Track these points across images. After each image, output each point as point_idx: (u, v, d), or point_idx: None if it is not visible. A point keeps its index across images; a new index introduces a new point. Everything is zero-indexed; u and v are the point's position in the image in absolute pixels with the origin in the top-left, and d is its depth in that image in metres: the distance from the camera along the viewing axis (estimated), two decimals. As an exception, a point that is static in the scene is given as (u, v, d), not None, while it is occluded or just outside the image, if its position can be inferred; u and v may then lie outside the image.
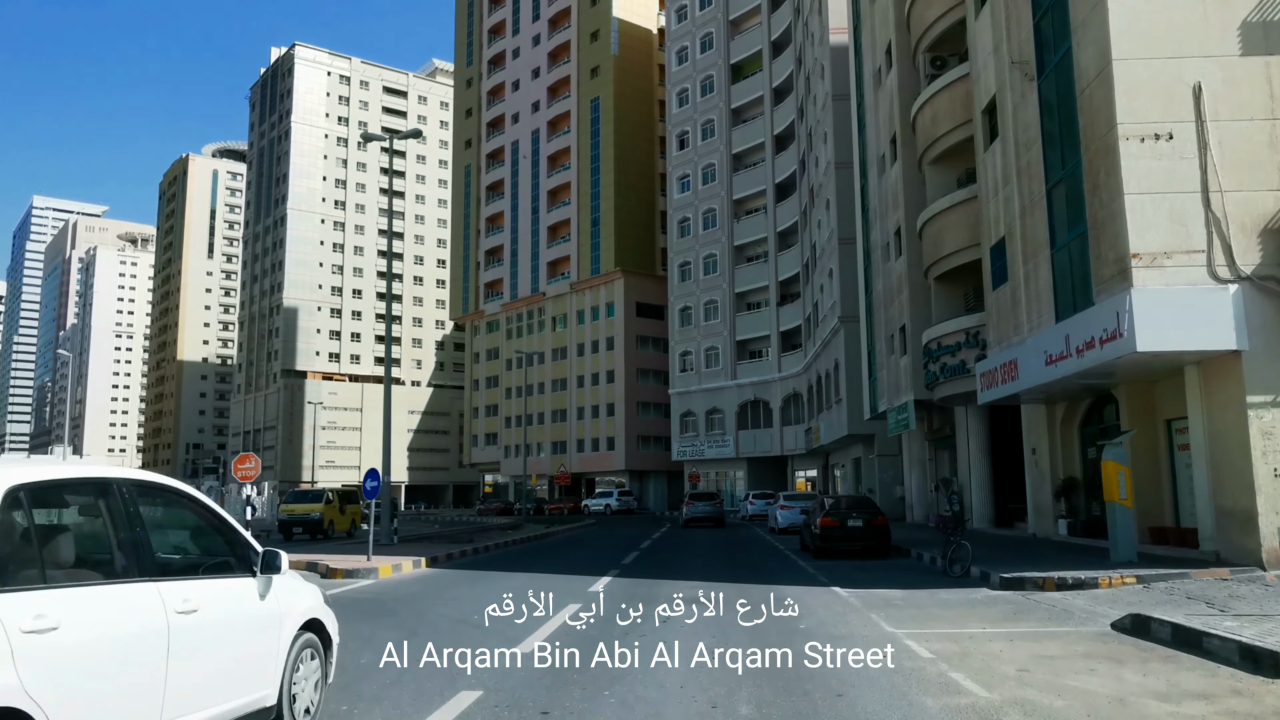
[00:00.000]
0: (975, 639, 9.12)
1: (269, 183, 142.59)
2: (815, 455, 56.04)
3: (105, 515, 4.25)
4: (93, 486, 4.40)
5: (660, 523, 44.32)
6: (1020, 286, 18.24)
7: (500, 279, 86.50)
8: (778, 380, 59.47)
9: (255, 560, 5.14)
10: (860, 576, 15.83)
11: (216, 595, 4.79)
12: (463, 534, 31.45)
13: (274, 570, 5.17)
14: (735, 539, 28.37)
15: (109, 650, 3.90)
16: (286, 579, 5.41)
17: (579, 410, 76.15)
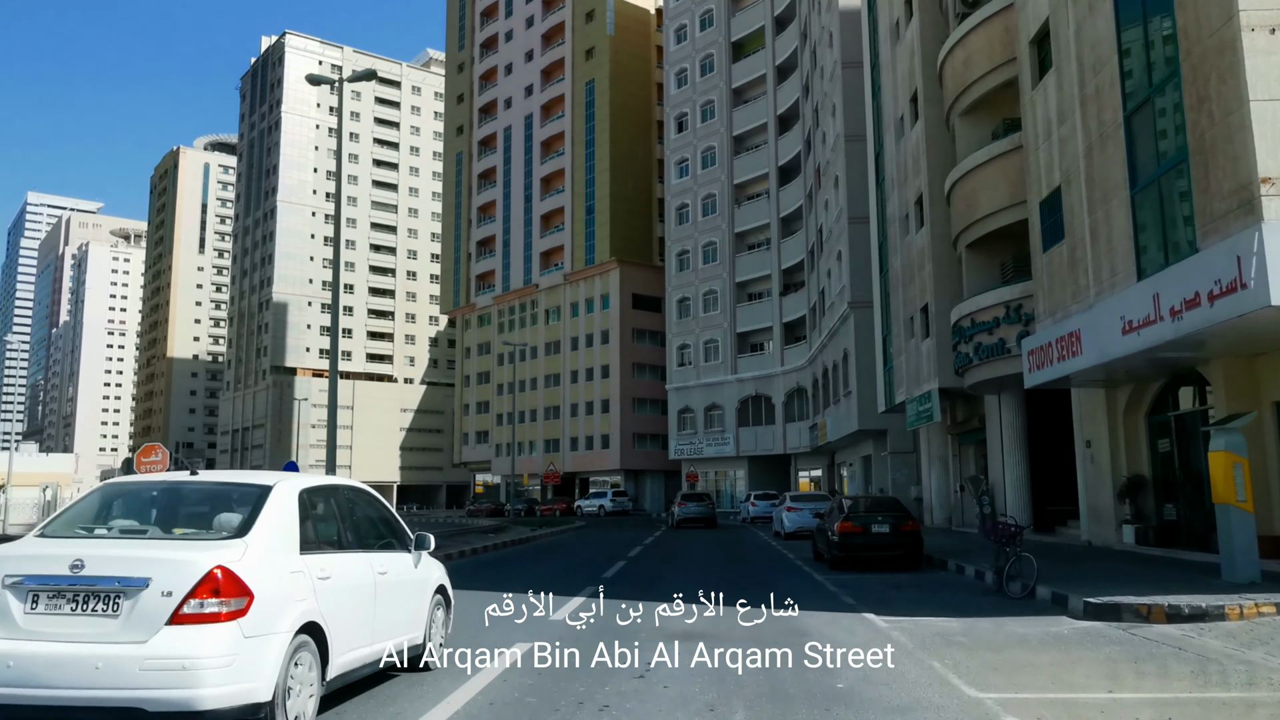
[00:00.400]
0: (1111, 712, 5.94)
1: (259, 175, 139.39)
2: (820, 454, 52.84)
3: (335, 509, 6.41)
4: (328, 490, 6.54)
5: (654, 525, 41.17)
6: (1083, 243, 15.05)
7: (492, 270, 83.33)
8: (780, 374, 56.28)
9: (409, 541, 7.24)
10: (896, 598, 12.64)
11: (394, 563, 6.82)
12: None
13: (423, 548, 7.35)
14: (737, 545, 25.17)
15: (351, 593, 6.00)
16: (426, 556, 7.46)
17: (573, 407, 72.96)
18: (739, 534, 32.11)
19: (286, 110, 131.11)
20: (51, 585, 4.79)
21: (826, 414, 45.37)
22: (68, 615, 4.75)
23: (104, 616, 4.71)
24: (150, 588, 4.71)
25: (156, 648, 4.61)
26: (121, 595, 4.73)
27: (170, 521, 5.61)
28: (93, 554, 4.87)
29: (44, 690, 4.56)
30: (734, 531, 34.40)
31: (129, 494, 6.04)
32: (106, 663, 4.56)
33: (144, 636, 4.64)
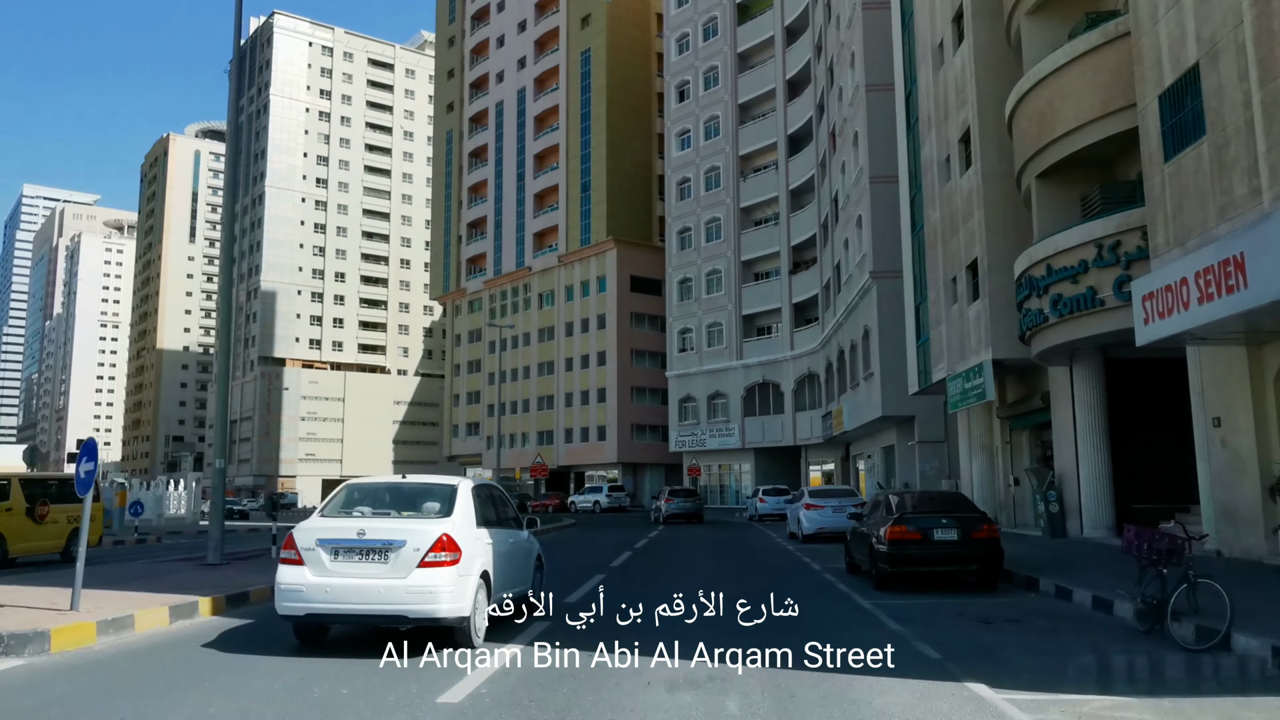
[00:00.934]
0: None
1: (247, 160, 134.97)
2: (834, 445, 48.45)
3: (489, 499, 9.33)
4: (486, 486, 9.69)
5: (651, 523, 36.84)
6: (1243, 134, 10.67)
7: (483, 253, 78.92)
8: (789, 359, 51.85)
9: (523, 521, 10.41)
10: (998, 646, 8.28)
11: (517, 537, 9.86)
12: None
13: (532, 527, 11.06)
14: (747, 552, 20.78)
15: (500, 554, 8.87)
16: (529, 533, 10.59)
17: (567, 396, 68.58)
18: (747, 535, 27.75)
19: (275, 93, 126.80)
20: (346, 545, 7.87)
21: (842, 400, 40.99)
22: (356, 563, 7.83)
23: (378, 563, 7.81)
24: (406, 546, 7.82)
25: (412, 581, 7.73)
26: (389, 550, 7.82)
27: (399, 506, 8.66)
28: (368, 526, 8.01)
29: (349, 606, 7.83)
30: (740, 532, 30.03)
31: (365, 489, 9.11)
32: (383, 590, 7.72)
33: (404, 575, 7.74)
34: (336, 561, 7.83)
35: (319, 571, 7.82)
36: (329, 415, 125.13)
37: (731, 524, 36.65)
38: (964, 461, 26.33)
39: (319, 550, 7.86)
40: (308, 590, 7.79)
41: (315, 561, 7.85)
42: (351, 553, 7.83)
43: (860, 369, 36.36)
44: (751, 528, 33.17)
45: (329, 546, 7.87)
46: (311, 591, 7.77)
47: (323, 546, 7.88)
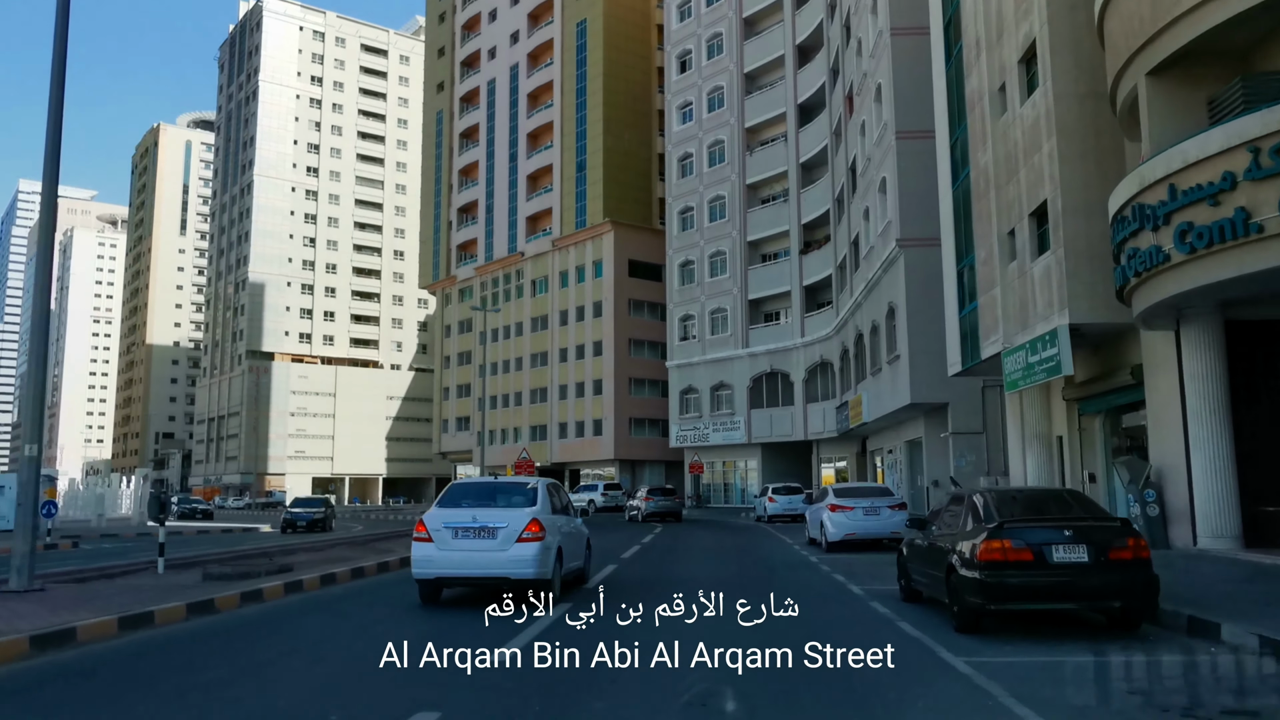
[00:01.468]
0: None
1: (236, 148, 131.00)
2: (849, 439, 44.38)
3: (555, 492, 12.18)
4: (553, 483, 12.52)
5: (646, 528, 32.82)
6: None
7: (474, 239, 74.87)
8: (800, 347, 47.74)
9: (575, 510, 13.27)
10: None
11: (573, 523, 12.44)
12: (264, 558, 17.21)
13: (583, 516, 16.56)
14: (762, 566, 16.77)
15: (566, 535, 11.63)
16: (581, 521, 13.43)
17: (561, 389, 64.52)
18: (758, 542, 23.73)
19: (265, 79, 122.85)
20: (464, 527, 10.61)
21: (861, 389, 36.90)
22: (472, 540, 10.57)
23: (488, 540, 10.54)
24: (508, 527, 10.55)
25: (513, 553, 10.44)
26: (496, 530, 10.54)
27: (496, 500, 11.33)
28: (479, 514, 10.74)
29: (467, 571, 10.66)
30: (750, 538, 25.99)
31: (468, 487, 12.17)
32: (492, 559, 10.45)
33: (506, 548, 10.46)
34: (457, 540, 10.78)
35: (444, 547, 10.79)
36: (319, 411, 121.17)
37: (737, 526, 32.60)
38: (1014, 455, 22.23)
39: (444, 531, 10.83)
40: (436, 560, 10.87)
41: (441, 539, 10.80)
42: (468, 533, 10.78)
43: (883, 352, 32.26)
44: (761, 531, 29.11)
45: (451, 528, 10.82)
46: (439, 561, 10.85)
47: (447, 528, 10.82)
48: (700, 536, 26.07)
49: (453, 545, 10.65)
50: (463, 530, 10.66)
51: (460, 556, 10.63)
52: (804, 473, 48.83)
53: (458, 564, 10.69)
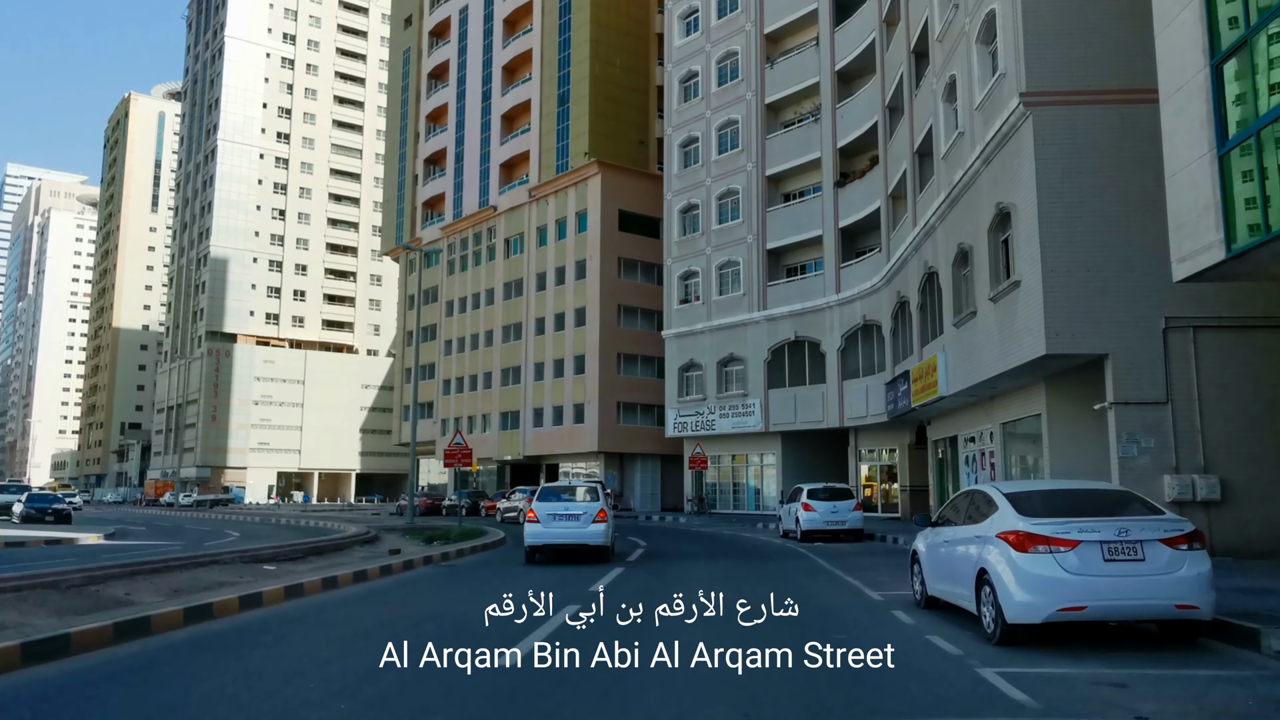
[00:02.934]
0: None
1: (201, 112, 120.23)
2: (899, 426, 33.50)
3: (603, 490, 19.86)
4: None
5: (624, 547, 21.94)
6: None
7: (442, 194, 63.98)
8: (834, 306, 36.77)
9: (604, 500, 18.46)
10: None
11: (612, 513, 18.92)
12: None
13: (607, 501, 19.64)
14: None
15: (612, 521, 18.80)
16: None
17: (537, 367, 53.61)
18: (803, 590, 12.74)
19: (231, 35, 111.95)
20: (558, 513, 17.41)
21: (933, 350, 25.94)
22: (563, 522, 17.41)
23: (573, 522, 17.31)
24: (585, 514, 17.09)
25: (590, 530, 17.16)
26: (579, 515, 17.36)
27: (572, 494, 18.16)
28: (568, 506, 17.33)
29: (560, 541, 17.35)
30: (791, 584, 15.00)
31: (554, 488, 18.76)
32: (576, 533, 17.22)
33: (586, 526, 17.05)
34: (554, 522, 17.13)
35: (546, 525, 17.16)
36: (286, 399, 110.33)
37: (757, 549, 21.59)
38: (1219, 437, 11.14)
39: (544, 514, 17.22)
40: (540, 534, 17.15)
41: (544, 520, 17.18)
42: (560, 517, 17.19)
43: (980, 287, 21.27)
44: (797, 561, 18.10)
45: (549, 514, 17.21)
46: (542, 535, 17.15)
47: (546, 514, 17.23)
48: (698, 576, 15.18)
49: (550, 526, 17.08)
50: (558, 515, 17.16)
51: (556, 531, 17.07)
52: (837, 467, 37.95)
53: (554, 536, 17.11)
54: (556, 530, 17.04)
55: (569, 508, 17.35)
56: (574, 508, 17.37)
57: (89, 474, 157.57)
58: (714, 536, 27.11)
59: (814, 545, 22.16)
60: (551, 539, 17.06)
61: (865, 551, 20.54)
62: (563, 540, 17.09)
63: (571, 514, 17.21)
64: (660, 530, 31.48)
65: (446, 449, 28.30)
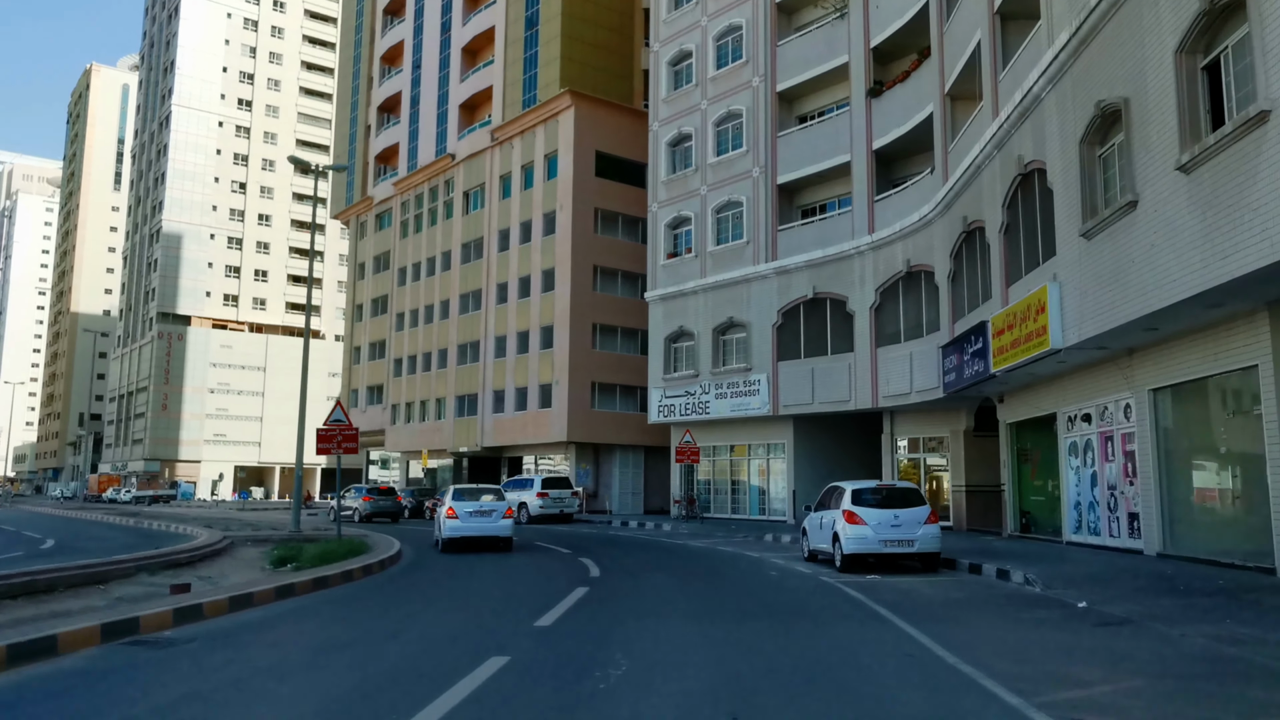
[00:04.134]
0: None
1: (156, 76, 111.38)
2: (954, 407, 25.11)
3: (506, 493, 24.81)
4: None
5: (566, 577, 13.50)
6: None
7: (395, 145, 55.37)
8: (867, 250, 28.24)
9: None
10: None
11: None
12: None
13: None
14: None
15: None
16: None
17: (498, 341, 45.03)
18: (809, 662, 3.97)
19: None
20: (474, 509, 20.31)
21: (1040, 279, 17.46)
22: (478, 518, 20.19)
23: (487, 518, 20.25)
24: (497, 510, 20.48)
25: (500, 524, 20.45)
26: (491, 512, 20.33)
27: (483, 494, 21.18)
28: (481, 504, 20.56)
29: (476, 534, 20.20)
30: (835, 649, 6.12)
31: (465, 488, 21.53)
32: (489, 527, 20.22)
33: (496, 521, 20.46)
34: (470, 517, 20.08)
35: (464, 521, 20.02)
36: (245, 388, 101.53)
37: (770, 587, 12.88)
38: None
39: (463, 512, 20.10)
40: (458, 528, 19.93)
41: (462, 517, 20.02)
42: (476, 514, 20.15)
43: (1157, 155, 12.76)
44: (865, 632, 9.36)
45: (467, 512, 20.13)
46: (460, 529, 19.96)
47: (464, 511, 20.13)
48: (671, 678, 6.58)
49: (467, 520, 20.11)
50: (473, 512, 20.25)
51: (472, 526, 20.15)
52: (867, 461, 29.51)
53: (471, 530, 20.14)
54: (473, 525, 20.10)
55: (482, 506, 20.47)
56: (486, 506, 20.52)
57: (47, 467, 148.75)
58: (706, 557, 18.58)
59: (866, 580, 13.68)
60: (468, 532, 20.07)
61: (966, 598, 12.04)
62: (477, 533, 20.16)
63: (484, 511, 20.37)
64: (634, 543, 22.99)
65: (320, 428, 19.82)
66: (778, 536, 24.06)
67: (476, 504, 20.48)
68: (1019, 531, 21.83)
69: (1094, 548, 17.40)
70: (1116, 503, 16.74)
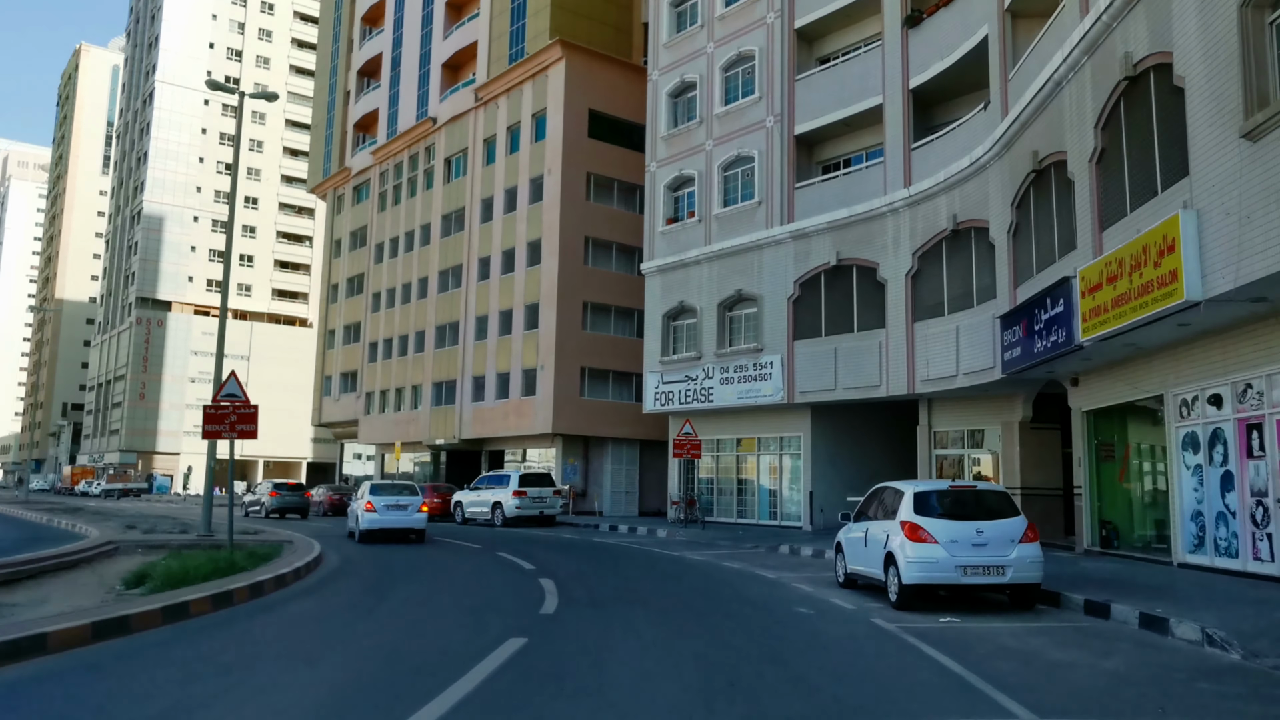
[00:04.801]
0: None
1: (141, 53, 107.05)
2: (1006, 394, 20.69)
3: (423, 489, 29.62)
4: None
5: (524, 599, 8.98)
6: None
7: (375, 110, 50.95)
8: (903, 206, 23.71)
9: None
10: None
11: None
12: None
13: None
14: None
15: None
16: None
17: (479, 322, 40.62)
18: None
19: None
20: (391, 502, 21.61)
21: (1158, 212, 12.94)
22: (394, 510, 21.49)
23: (403, 510, 21.75)
24: (413, 504, 21.75)
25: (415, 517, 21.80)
26: (407, 506, 21.70)
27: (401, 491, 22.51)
28: (399, 499, 21.97)
29: (392, 526, 21.51)
30: None
31: (382, 485, 22.91)
32: (405, 520, 21.64)
33: (412, 514, 21.83)
34: (386, 510, 21.30)
35: (381, 513, 21.27)
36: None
37: (797, 634, 8.37)
38: None
39: (380, 505, 21.35)
40: (376, 520, 21.16)
41: (380, 510, 21.26)
42: (392, 508, 21.39)
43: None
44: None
45: (384, 505, 21.37)
46: (377, 521, 21.18)
47: (382, 505, 21.36)
48: None
49: (384, 513, 21.39)
50: (390, 505, 21.51)
51: (388, 519, 21.41)
52: (896, 464, 25.06)
53: (387, 522, 21.39)
54: (390, 517, 21.62)
55: (399, 500, 21.91)
56: (403, 500, 21.97)
57: (32, 458, 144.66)
58: (709, 579, 14.14)
59: (945, 628, 9.24)
60: (385, 524, 21.54)
61: (1127, 671, 7.61)
62: (393, 525, 21.63)
63: (400, 505, 21.84)
64: (619, 555, 18.55)
65: (208, 407, 15.40)
66: (795, 548, 19.64)
67: (393, 499, 22.03)
68: (1098, 546, 17.40)
69: (1227, 573, 12.95)
70: (1269, 516, 12.28)
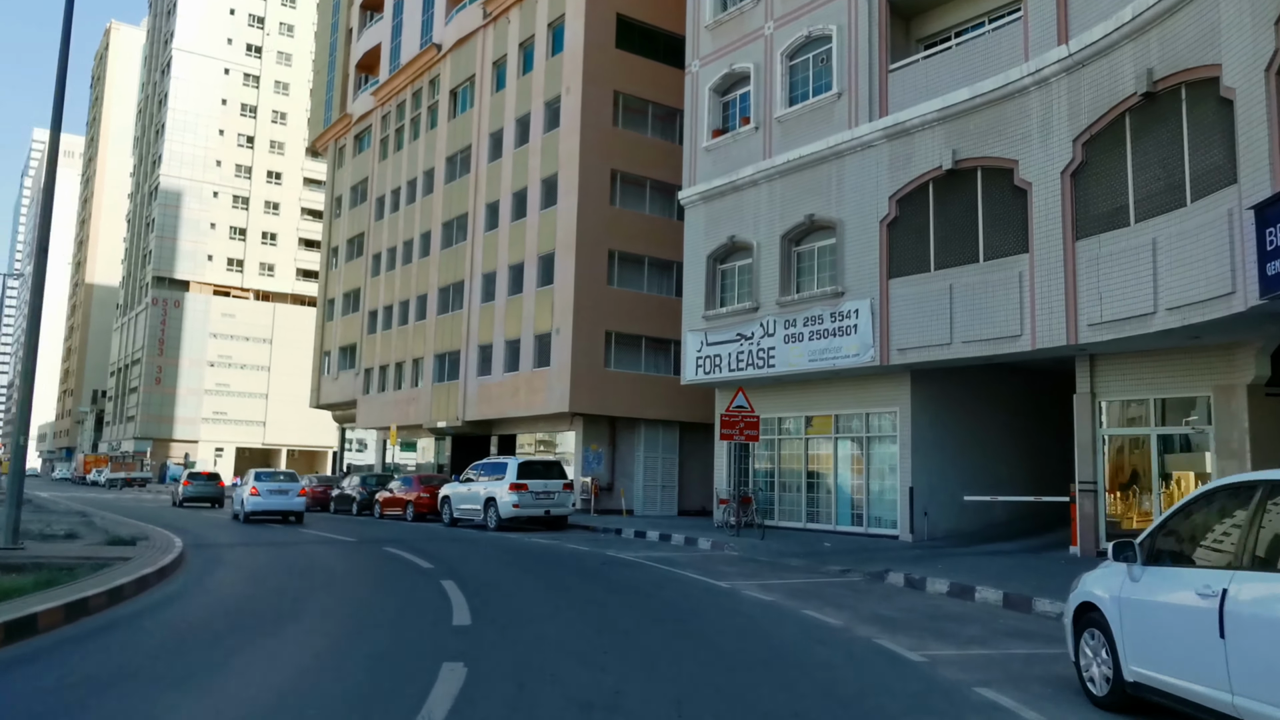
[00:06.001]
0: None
1: (160, 22, 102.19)
2: (1229, 339, 12.98)
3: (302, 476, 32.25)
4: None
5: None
6: None
7: (378, 45, 44.38)
8: (1055, 74, 16.18)
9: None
10: None
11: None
12: None
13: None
14: None
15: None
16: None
17: (486, 280, 33.70)
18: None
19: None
20: (274, 488, 24.81)
21: None
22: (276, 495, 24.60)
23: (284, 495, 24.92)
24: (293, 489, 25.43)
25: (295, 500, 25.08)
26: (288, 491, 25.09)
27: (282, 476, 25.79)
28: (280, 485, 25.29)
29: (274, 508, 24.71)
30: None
31: (267, 472, 25.75)
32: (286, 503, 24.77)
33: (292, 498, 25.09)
34: (269, 495, 24.32)
35: (264, 496, 24.24)
36: (250, 361, 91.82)
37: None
38: None
39: (264, 490, 24.31)
40: (260, 504, 24.17)
41: (263, 494, 24.25)
42: (275, 492, 24.39)
43: None
44: None
45: (267, 490, 24.33)
46: (261, 504, 24.18)
47: (265, 490, 24.29)
48: None
49: (267, 496, 23.97)
50: (273, 490, 24.08)
51: (271, 502, 24.03)
52: (1036, 449, 17.62)
53: (269, 506, 24.02)
54: (272, 501, 24.34)
55: (281, 486, 24.71)
56: (285, 485, 24.77)
57: (64, 446, 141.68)
58: (786, 681, 6.90)
59: None
60: (268, 507, 24.29)
61: None
62: (275, 508, 24.37)
63: (283, 490, 24.56)
64: (628, 589, 11.44)
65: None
66: (913, 579, 12.40)
67: (276, 484, 24.60)
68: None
69: None
70: None
